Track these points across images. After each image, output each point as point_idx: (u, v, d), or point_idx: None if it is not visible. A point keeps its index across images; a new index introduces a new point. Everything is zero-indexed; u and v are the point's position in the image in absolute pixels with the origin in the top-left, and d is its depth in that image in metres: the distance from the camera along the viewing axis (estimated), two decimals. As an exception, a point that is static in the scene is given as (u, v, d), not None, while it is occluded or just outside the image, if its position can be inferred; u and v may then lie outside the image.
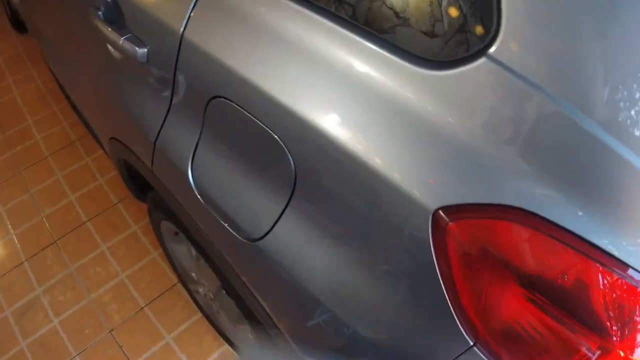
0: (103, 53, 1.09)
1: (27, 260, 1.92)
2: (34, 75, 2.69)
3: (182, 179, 0.96)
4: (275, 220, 0.80)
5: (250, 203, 0.85)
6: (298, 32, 0.70)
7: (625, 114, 0.50)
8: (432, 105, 0.58)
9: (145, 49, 0.93)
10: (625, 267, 0.52)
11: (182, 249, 1.55)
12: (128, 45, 0.93)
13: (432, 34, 0.59)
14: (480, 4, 0.55)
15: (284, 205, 0.78)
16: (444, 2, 0.58)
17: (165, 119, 0.99)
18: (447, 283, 0.60)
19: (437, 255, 0.59)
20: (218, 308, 1.49)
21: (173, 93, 0.94)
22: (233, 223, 0.89)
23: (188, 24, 0.84)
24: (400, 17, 0.61)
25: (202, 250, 1.21)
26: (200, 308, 1.70)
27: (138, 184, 1.50)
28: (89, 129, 1.89)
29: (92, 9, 1.01)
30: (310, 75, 0.69)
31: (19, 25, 2.86)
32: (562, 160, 0.53)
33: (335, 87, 0.66)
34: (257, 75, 0.74)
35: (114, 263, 1.90)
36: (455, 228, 0.57)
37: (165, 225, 1.44)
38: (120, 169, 1.47)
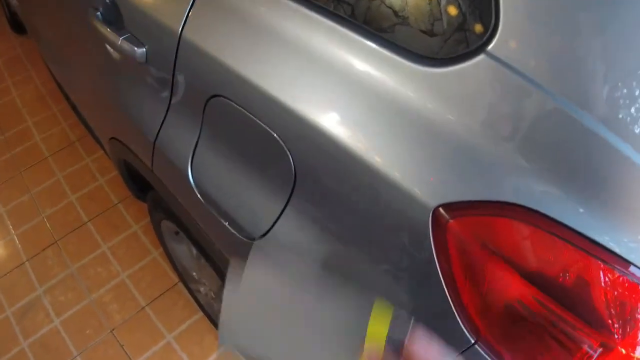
0: (102, 53, 1.08)
1: (28, 261, 1.92)
2: (33, 77, 2.69)
3: (182, 178, 0.96)
4: (275, 219, 0.80)
5: (250, 202, 0.85)
6: (297, 31, 0.70)
7: (626, 111, 0.50)
8: (431, 103, 0.58)
9: (144, 49, 0.93)
10: (627, 264, 0.52)
11: (182, 248, 1.55)
12: (127, 46, 0.93)
13: (431, 32, 0.59)
14: (478, 3, 0.55)
15: (284, 204, 0.78)
16: (442, 0, 0.58)
17: (165, 119, 0.99)
18: (447, 281, 0.59)
19: (437, 253, 0.59)
20: (219, 307, 1.49)
21: (172, 92, 0.94)
22: (233, 222, 0.89)
23: (186, 24, 0.83)
24: (399, 15, 0.61)
25: (202, 250, 1.21)
26: (201, 307, 1.70)
27: (138, 184, 1.50)
28: (89, 130, 1.89)
29: (90, 10, 1.01)
30: (310, 74, 0.68)
31: (18, 27, 2.86)
32: (562, 157, 0.53)
33: (335, 85, 0.66)
34: (256, 74, 0.74)
35: (115, 263, 1.90)
36: (456, 225, 0.57)
37: (166, 225, 1.44)
38: (121, 169, 1.47)
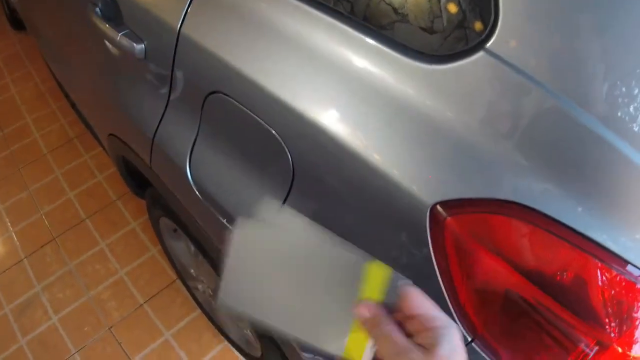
0: (101, 50, 1.08)
1: (26, 258, 1.92)
2: (33, 74, 2.69)
3: (180, 175, 0.96)
4: (274, 217, 0.80)
5: (249, 199, 0.85)
6: (297, 27, 0.70)
7: (624, 109, 0.49)
8: (430, 100, 0.58)
9: (143, 45, 0.93)
10: (624, 263, 0.52)
11: (181, 246, 1.55)
12: (125, 42, 0.93)
13: (430, 30, 0.59)
14: (478, 0, 0.55)
15: (282, 202, 0.78)
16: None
17: (163, 115, 0.98)
18: (444, 278, 0.59)
19: (435, 251, 0.59)
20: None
21: (171, 89, 0.93)
22: (231, 219, 0.89)
23: (185, 20, 0.83)
24: (399, 13, 0.61)
25: (200, 247, 1.21)
26: (200, 305, 1.70)
27: (137, 181, 1.50)
28: (88, 126, 1.89)
29: (89, 5, 1.01)
30: (310, 72, 0.68)
31: (17, 24, 2.85)
32: (560, 155, 0.53)
33: (335, 83, 0.66)
34: (255, 71, 0.74)
35: (113, 260, 1.90)
36: (453, 223, 0.57)
37: (164, 222, 1.44)
38: (119, 166, 1.47)
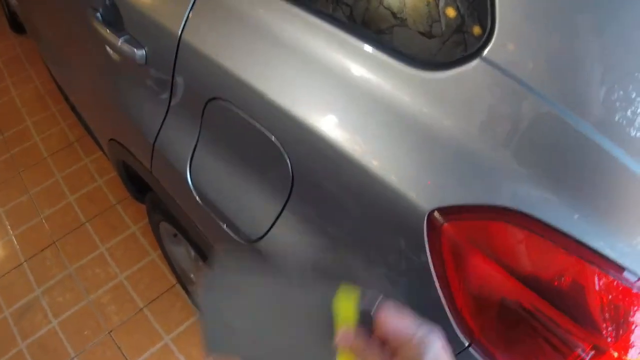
0: (102, 54, 1.09)
1: (26, 261, 1.92)
2: (33, 77, 2.69)
3: (180, 181, 0.96)
4: (273, 222, 0.80)
5: (249, 204, 0.85)
6: (296, 34, 0.70)
7: (620, 117, 0.50)
8: (428, 107, 0.58)
9: (144, 51, 0.93)
10: (621, 269, 0.52)
11: (180, 250, 1.55)
12: (126, 47, 0.94)
13: (429, 34, 0.59)
14: (476, 5, 0.56)
15: (282, 207, 0.79)
16: (441, 2, 0.58)
17: (164, 121, 0.99)
18: (442, 284, 0.60)
19: (432, 256, 0.59)
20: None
21: (171, 94, 0.94)
22: (231, 224, 0.89)
23: (186, 26, 0.84)
24: (398, 17, 0.61)
25: (200, 252, 1.21)
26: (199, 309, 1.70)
27: (137, 185, 1.50)
28: (88, 130, 1.89)
29: (90, 10, 1.02)
30: (308, 78, 0.69)
31: (18, 27, 2.86)
32: (557, 162, 0.53)
33: (333, 89, 0.66)
34: (255, 77, 0.74)
35: (113, 264, 1.90)
36: (450, 229, 0.57)
37: (164, 227, 1.45)
38: (119, 170, 1.48)
